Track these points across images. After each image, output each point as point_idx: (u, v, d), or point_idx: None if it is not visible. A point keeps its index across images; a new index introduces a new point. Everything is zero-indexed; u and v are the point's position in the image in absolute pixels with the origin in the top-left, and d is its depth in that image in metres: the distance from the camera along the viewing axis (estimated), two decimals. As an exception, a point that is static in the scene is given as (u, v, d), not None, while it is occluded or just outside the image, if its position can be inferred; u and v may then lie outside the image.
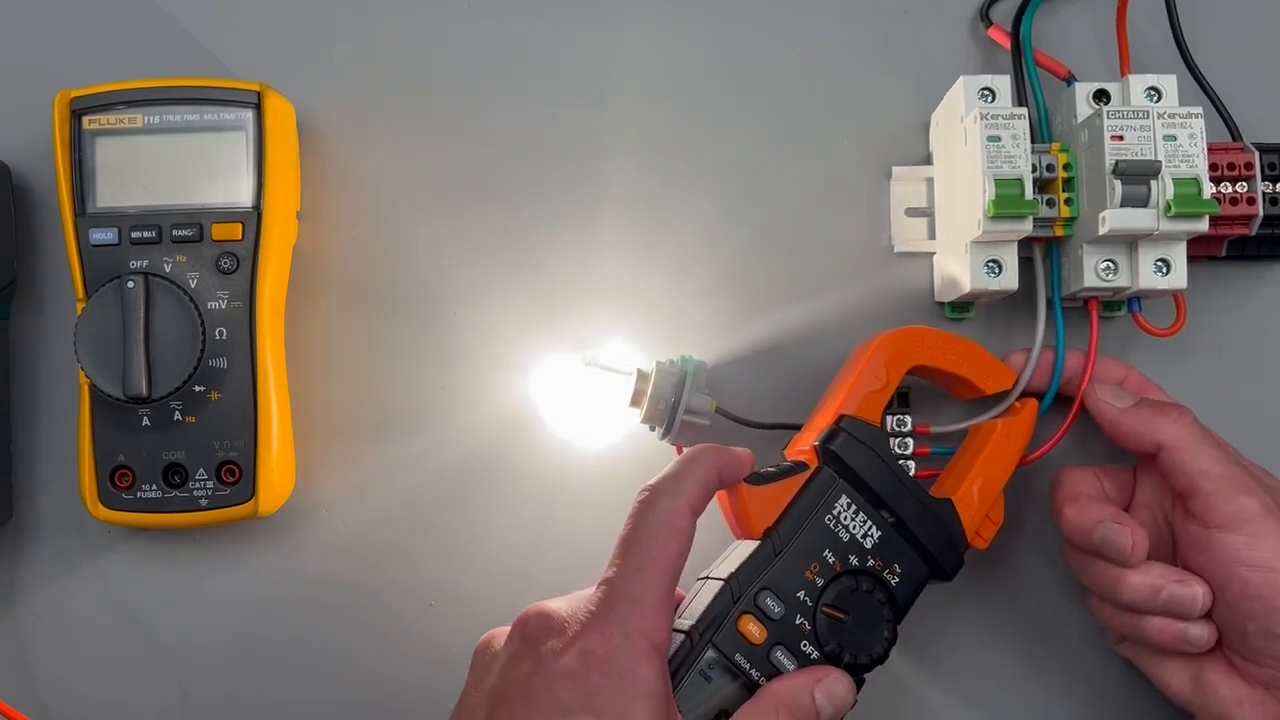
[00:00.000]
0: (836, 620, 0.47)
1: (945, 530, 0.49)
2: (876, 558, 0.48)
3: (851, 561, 0.48)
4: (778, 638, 0.46)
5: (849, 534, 0.48)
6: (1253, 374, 0.57)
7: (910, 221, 0.57)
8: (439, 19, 0.59)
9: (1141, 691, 0.54)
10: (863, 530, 0.48)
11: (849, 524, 0.48)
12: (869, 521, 0.48)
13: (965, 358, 0.52)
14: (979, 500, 0.51)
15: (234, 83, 0.54)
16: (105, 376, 0.51)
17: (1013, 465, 0.52)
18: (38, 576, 0.56)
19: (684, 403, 0.52)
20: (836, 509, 0.48)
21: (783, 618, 0.46)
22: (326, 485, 0.57)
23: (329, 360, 0.57)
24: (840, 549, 0.48)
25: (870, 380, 0.51)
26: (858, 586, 0.47)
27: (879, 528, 0.48)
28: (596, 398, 0.54)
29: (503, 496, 0.56)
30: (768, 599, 0.46)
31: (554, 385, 0.55)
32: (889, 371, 0.51)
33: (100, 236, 0.53)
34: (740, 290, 0.57)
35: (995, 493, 0.51)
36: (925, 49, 0.58)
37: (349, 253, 0.58)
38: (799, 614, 0.47)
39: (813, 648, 0.47)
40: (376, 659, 0.56)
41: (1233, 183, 0.53)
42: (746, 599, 0.46)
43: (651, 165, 0.58)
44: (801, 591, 0.47)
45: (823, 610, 0.47)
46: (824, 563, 0.47)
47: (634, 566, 0.43)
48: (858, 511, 0.48)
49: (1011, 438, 0.52)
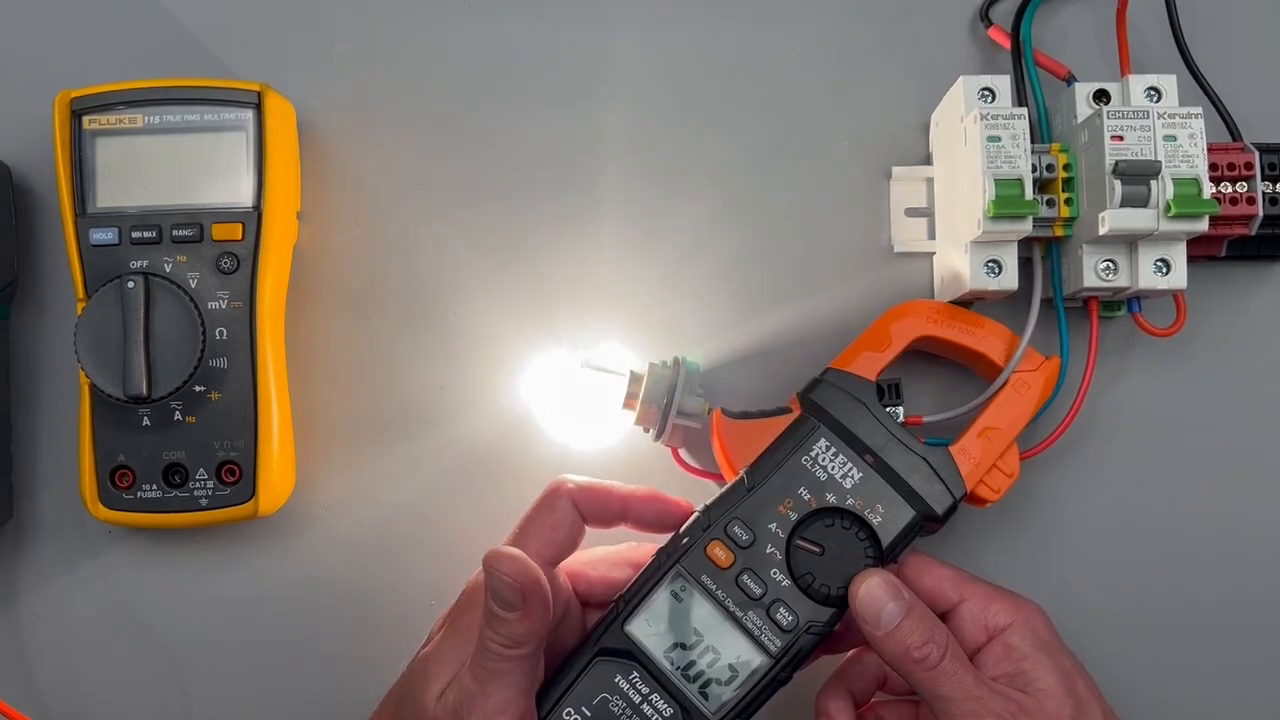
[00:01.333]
0: (810, 553, 0.49)
1: (936, 474, 0.50)
2: (857, 497, 0.49)
3: (829, 499, 0.49)
4: (745, 563, 0.49)
5: (826, 474, 0.50)
6: (1253, 374, 0.57)
7: (910, 221, 0.57)
8: (439, 19, 0.59)
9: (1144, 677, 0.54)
10: (841, 471, 0.50)
11: (827, 465, 0.50)
12: (849, 463, 0.50)
13: (979, 331, 0.53)
14: (981, 449, 0.51)
15: (234, 83, 0.54)
16: (105, 376, 0.51)
17: (1026, 417, 0.52)
18: (38, 576, 0.57)
19: (675, 405, 0.52)
20: (814, 450, 0.50)
21: (751, 545, 0.49)
22: (326, 485, 0.57)
23: (329, 360, 0.57)
24: (817, 487, 0.49)
25: (872, 341, 0.52)
26: (833, 522, 0.49)
27: (860, 470, 0.50)
28: (593, 399, 0.54)
29: (502, 496, 0.56)
30: (736, 528, 0.49)
31: (551, 386, 0.55)
32: (895, 337, 0.52)
33: (100, 236, 0.53)
34: (740, 290, 0.57)
35: (1005, 443, 0.51)
36: (925, 49, 0.58)
37: (349, 253, 0.58)
38: (769, 543, 0.49)
39: (783, 575, 0.48)
40: (376, 659, 0.56)
41: (1233, 183, 0.53)
42: (716, 528, 0.49)
43: (651, 166, 0.58)
44: (773, 524, 0.49)
45: (797, 542, 0.49)
46: (798, 499, 0.49)
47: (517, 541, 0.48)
48: (836, 454, 0.50)
49: (1025, 389, 0.52)
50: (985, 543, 0.56)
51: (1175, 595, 0.56)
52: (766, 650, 0.48)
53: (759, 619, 0.48)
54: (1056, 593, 0.56)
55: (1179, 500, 0.57)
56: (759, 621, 0.48)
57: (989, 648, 0.48)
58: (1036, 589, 0.56)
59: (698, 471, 0.54)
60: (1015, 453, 0.52)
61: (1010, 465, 0.51)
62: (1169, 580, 0.56)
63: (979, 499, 0.51)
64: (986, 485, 0.51)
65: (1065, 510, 0.56)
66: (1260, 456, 0.57)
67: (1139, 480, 0.57)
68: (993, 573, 0.52)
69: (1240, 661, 0.56)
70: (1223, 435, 0.57)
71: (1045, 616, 0.50)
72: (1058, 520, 0.56)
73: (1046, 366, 0.53)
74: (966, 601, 0.49)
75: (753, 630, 0.48)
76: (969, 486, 0.50)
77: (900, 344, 0.52)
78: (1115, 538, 0.57)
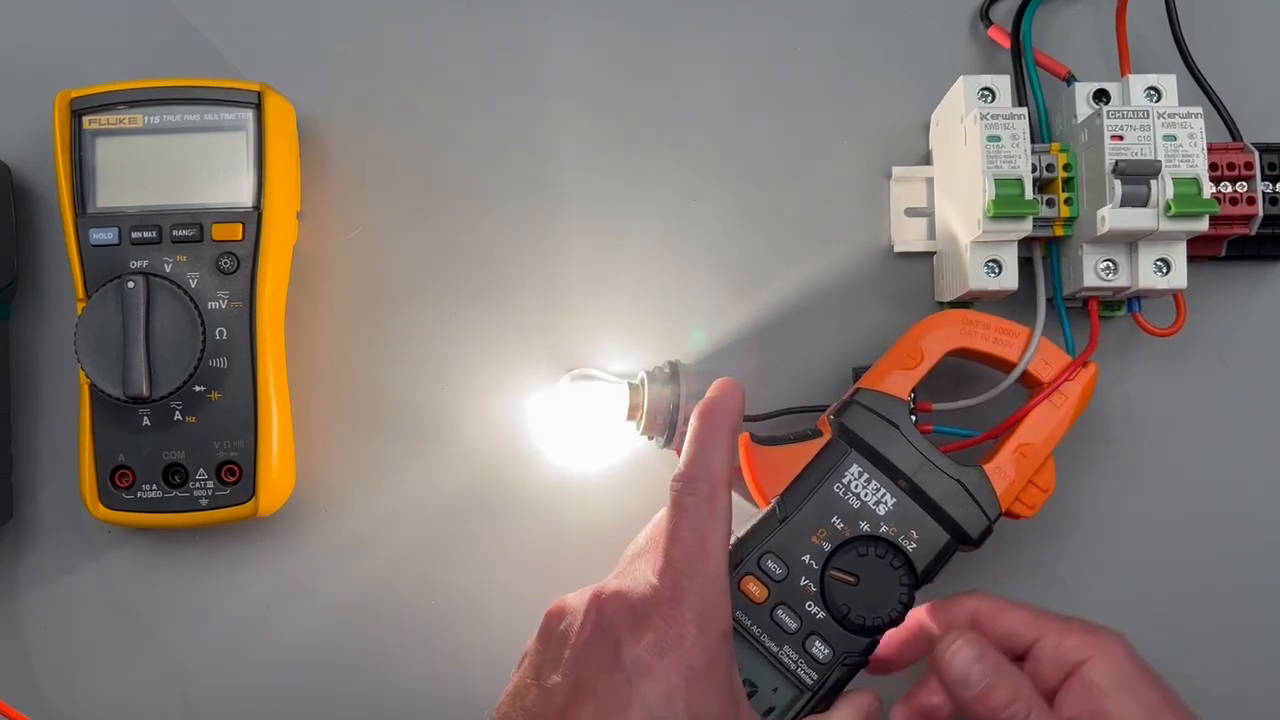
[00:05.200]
0: (845, 583, 0.48)
1: (971, 497, 0.49)
2: (891, 524, 0.49)
3: (862, 527, 0.48)
4: (780, 598, 0.48)
5: (859, 501, 0.49)
6: (1253, 374, 0.57)
7: (910, 221, 0.57)
8: (439, 19, 0.59)
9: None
10: (875, 498, 0.49)
11: (859, 492, 0.49)
12: (882, 489, 0.49)
13: (1015, 341, 0.51)
14: (1016, 467, 0.50)
15: (234, 83, 0.54)
16: (105, 376, 0.51)
17: (1061, 431, 0.51)
18: (38, 576, 0.57)
19: (682, 409, 0.52)
20: (847, 477, 0.49)
21: (785, 579, 0.48)
22: (326, 485, 0.57)
23: (329, 360, 0.57)
24: (850, 515, 0.49)
25: (902, 357, 0.51)
26: (868, 551, 0.48)
27: (893, 495, 0.49)
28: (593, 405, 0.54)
29: (502, 496, 0.56)
30: (769, 561, 0.48)
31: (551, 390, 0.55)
32: (927, 352, 0.51)
33: (100, 236, 0.53)
34: (740, 290, 0.57)
35: (1040, 458, 0.50)
36: (925, 49, 0.58)
37: (349, 253, 0.58)
38: (803, 576, 0.48)
39: (818, 608, 0.48)
40: (376, 659, 0.56)
41: (1233, 183, 0.53)
42: (749, 562, 0.48)
43: (652, 166, 0.58)
44: (807, 555, 0.48)
45: (831, 573, 0.48)
46: (831, 528, 0.48)
47: (693, 557, 0.44)
48: (869, 480, 0.49)
49: (1063, 400, 0.51)
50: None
51: (1175, 595, 0.56)
52: (802, 683, 0.47)
53: (795, 654, 0.47)
54: (1056, 593, 0.56)
55: (1178, 500, 0.57)
56: (795, 656, 0.47)
57: (1068, 685, 0.48)
58: (1035, 588, 0.56)
59: None
60: (1051, 466, 0.50)
61: (1046, 480, 0.50)
62: (1169, 580, 0.56)
63: (1014, 515, 0.50)
64: (1022, 502, 0.50)
65: (1065, 510, 0.56)
66: (1260, 456, 0.57)
67: (1139, 480, 0.57)
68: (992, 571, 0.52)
69: (1240, 661, 0.56)
70: (1223, 435, 0.57)
71: (1127, 646, 0.48)
72: (1057, 520, 0.56)
73: (1084, 375, 0.51)
74: (1041, 640, 0.48)
75: (789, 665, 0.47)
76: (1004, 506, 0.50)
77: (933, 359, 0.51)
78: (1115, 537, 0.56)
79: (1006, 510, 0.50)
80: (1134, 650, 0.49)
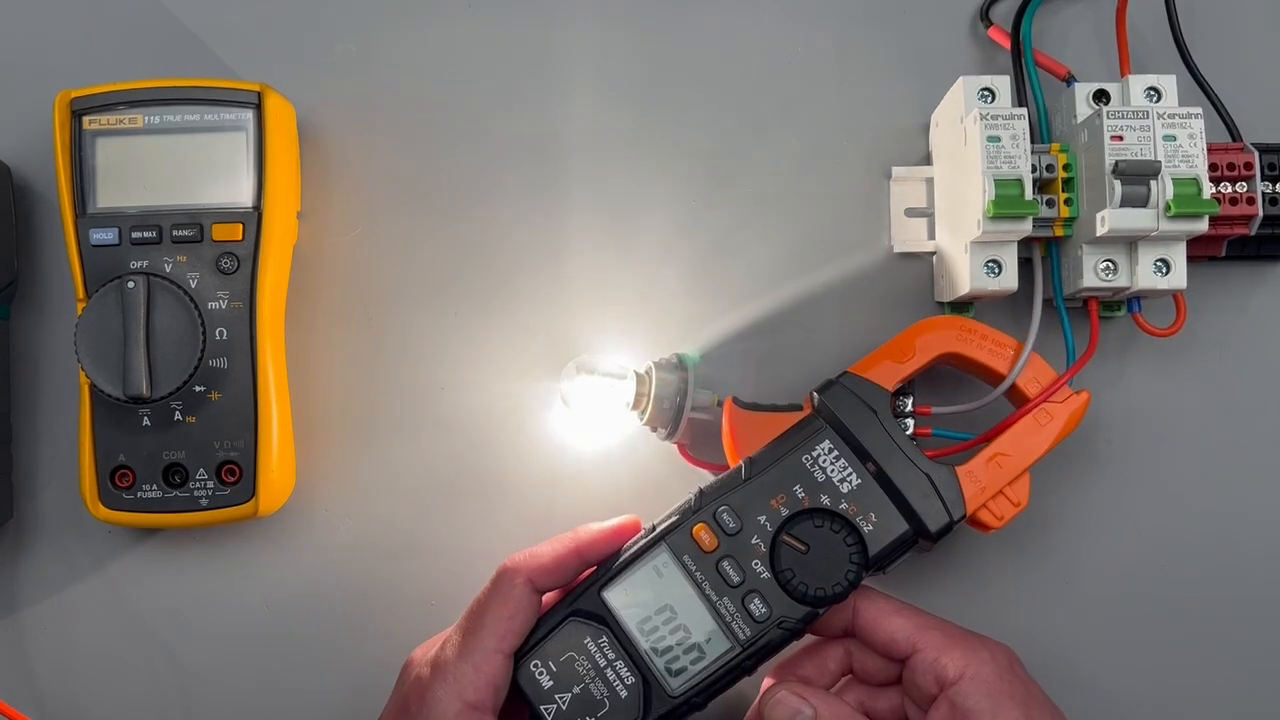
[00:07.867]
0: (795, 550, 0.49)
1: (936, 491, 0.49)
2: (851, 503, 0.49)
3: (823, 501, 0.49)
4: (728, 550, 0.49)
5: (825, 475, 0.50)
6: (1253, 374, 0.57)
7: (910, 221, 0.57)
8: (439, 19, 0.59)
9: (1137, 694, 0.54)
10: (841, 475, 0.50)
11: (827, 467, 0.50)
12: (849, 469, 0.50)
13: (1008, 354, 0.52)
14: (989, 474, 0.50)
15: (234, 83, 0.54)
16: (105, 376, 0.51)
17: (1042, 449, 0.51)
18: (38, 576, 0.57)
19: (690, 400, 0.52)
20: (817, 451, 0.50)
21: (737, 534, 0.49)
22: (326, 485, 0.57)
23: (329, 360, 0.57)
24: (813, 487, 0.49)
25: (895, 351, 0.52)
26: (824, 524, 0.49)
27: (859, 476, 0.50)
28: (594, 400, 0.54)
29: (503, 496, 0.56)
30: (725, 514, 0.49)
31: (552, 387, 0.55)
32: (920, 350, 0.52)
33: (100, 236, 0.53)
34: (740, 290, 0.57)
35: (1015, 471, 0.50)
36: (925, 49, 0.58)
37: (349, 253, 0.58)
38: (755, 535, 0.49)
39: (764, 568, 0.49)
40: (376, 659, 0.56)
41: (1232, 183, 0.53)
42: (705, 511, 0.49)
43: (651, 166, 0.58)
44: (763, 516, 0.49)
45: (784, 538, 0.49)
46: (792, 495, 0.49)
47: (472, 631, 0.48)
48: (839, 457, 0.50)
49: (1048, 420, 0.51)
50: (982, 541, 0.56)
51: (1175, 594, 0.56)
52: (735, 637, 0.48)
53: (732, 606, 0.48)
54: (1054, 592, 0.56)
55: (1178, 499, 0.57)
56: (732, 608, 0.48)
57: (938, 704, 0.47)
58: (1034, 588, 0.56)
59: (706, 465, 0.55)
60: (1026, 482, 0.50)
61: (1019, 494, 0.50)
62: (1168, 580, 0.56)
63: (981, 523, 0.50)
64: (990, 511, 0.50)
65: (1064, 510, 0.56)
66: (1260, 456, 0.57)
67: (1138, 479, 0.57)
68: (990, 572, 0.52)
69: (1240, 660, 0.56)
70: (1223, 435, 0.57)
71: (1001, 661, 0.48)
72: (1056, 520, 0.56)
73: (1074, 401, 0.51)
74: (919, 652, 0.48)
75: (724, 615, 0.48)
76: (970, 510, 0.50)
77: (924, 358, 0.52)
78: (1114, 537, 0.56)
79: (973, 517, 0.50)
80: (1012, 667, 0.48)
